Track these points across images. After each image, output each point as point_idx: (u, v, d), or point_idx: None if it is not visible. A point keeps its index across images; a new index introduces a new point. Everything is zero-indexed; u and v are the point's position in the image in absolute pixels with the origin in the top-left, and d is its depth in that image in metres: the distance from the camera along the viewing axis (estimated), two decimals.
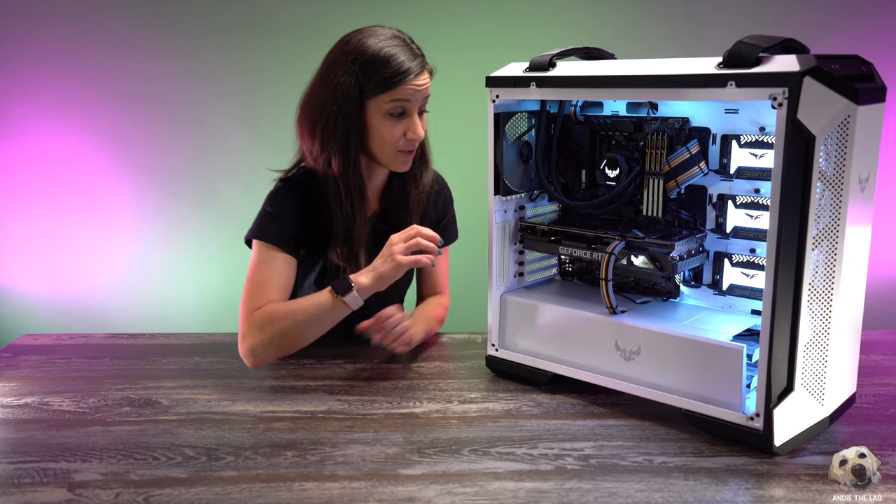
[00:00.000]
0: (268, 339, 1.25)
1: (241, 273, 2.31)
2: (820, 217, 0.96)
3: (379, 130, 1.28)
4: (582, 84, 1.13)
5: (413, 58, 1.27)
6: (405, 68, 1.25)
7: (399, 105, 1.27)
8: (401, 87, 1.25)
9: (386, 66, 1.24)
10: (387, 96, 1.26)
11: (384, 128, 1.28)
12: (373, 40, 1.26)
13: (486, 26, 2.25)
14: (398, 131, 1.29)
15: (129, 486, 0.94)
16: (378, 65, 1.25)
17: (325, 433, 1.08)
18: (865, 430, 1.07)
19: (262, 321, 1.26)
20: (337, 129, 1.27)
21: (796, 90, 0.91)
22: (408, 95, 1.26)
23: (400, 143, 1.30)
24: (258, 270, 1.30)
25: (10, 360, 1.37)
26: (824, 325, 0.99)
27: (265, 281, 1.30)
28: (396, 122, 1.28)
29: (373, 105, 1.27)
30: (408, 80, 1.25)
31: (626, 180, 1.21)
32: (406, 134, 1.29)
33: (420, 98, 1.29)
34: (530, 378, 1.24)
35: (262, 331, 1.25)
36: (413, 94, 1.27)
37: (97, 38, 2.22)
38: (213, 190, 2.31)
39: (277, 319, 1.25)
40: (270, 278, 1.30)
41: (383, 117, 1.27)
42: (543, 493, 0.92)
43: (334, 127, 1.27)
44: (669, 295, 1.26)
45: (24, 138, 2.28)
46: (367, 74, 1.25)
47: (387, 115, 1.27)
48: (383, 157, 1.31)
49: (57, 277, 2.36)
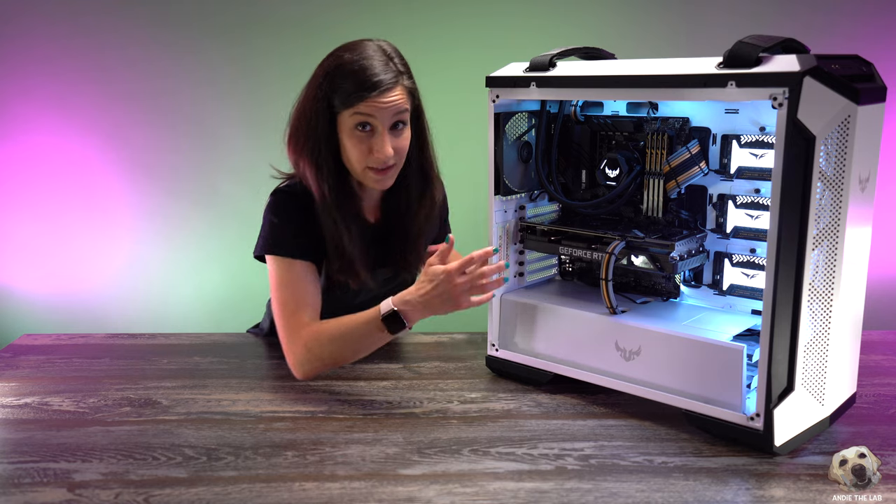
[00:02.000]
0: (315, 358, 1.26)
1: (240, 273, 2.32)
2: (820, 217, 0.96)
3: (346, 146, 1.25)
4: (582, 84, 1.13)
5: (385, 72, 1.21)
6: (370, 83, 1.20)
7: (363, 120, 1.22)
8: (364, 102, 1.20)
9: (352, 80, 1.21)
10: (351, 111, 1.22)
11: (350, 144, 1.24)
12: (349, 54, 1.23)
13: (486, 26, 2.25)
14: (364, 148, 1.23)
15: (129, 486, 0.94)
16: (345, 78, 1.21)
17: (325, 433, 1.08)
18: (865, 430, 1.07)
19: (309, 341, 1.25)
20: (309, 143, 1.26)
21: (796, 90, 0.91)
22: (371, 111, 1.21)
23: (369, 161, 1.24)
24: (286, 288, 1.28)
25: (10, 360, 1.37)
26: (824, 325, 0.99)
27: (298, 297, 1.28)
28: (363, 138, 1.23)
29: (341, 120, 1.24)
30: (371, 96, 1.20)
31: (626, 180, 1.21)
32: (372, 152, 1.23)
33: (389, 114, 1.22)
34: (530, 378, 1.24)
35: (310, 350, 1.25)
36: (377, 110, 1.21)
37: (97, 38, 2.22)
38: (213, 190, 2.31)
39: (325, 342, 1.25)
40: (301, 292, 1.28)
41: (350, 133, 1.23)
42: (543, 493, 0.92)
43: (305, 141, 1.26)
44: (669, 295, 1.26)
45: (23, 138, 2.28)
46: (333, 88, 1.22)
47: (354, 131, 1.23)
48: (356, 173, 1.28)
49: (57, 277, 2.36)
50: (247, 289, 2.25)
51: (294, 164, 1.31)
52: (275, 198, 1.34)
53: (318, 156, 1.26)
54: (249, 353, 1.41)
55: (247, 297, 2.15)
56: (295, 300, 1.28)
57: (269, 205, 1.34)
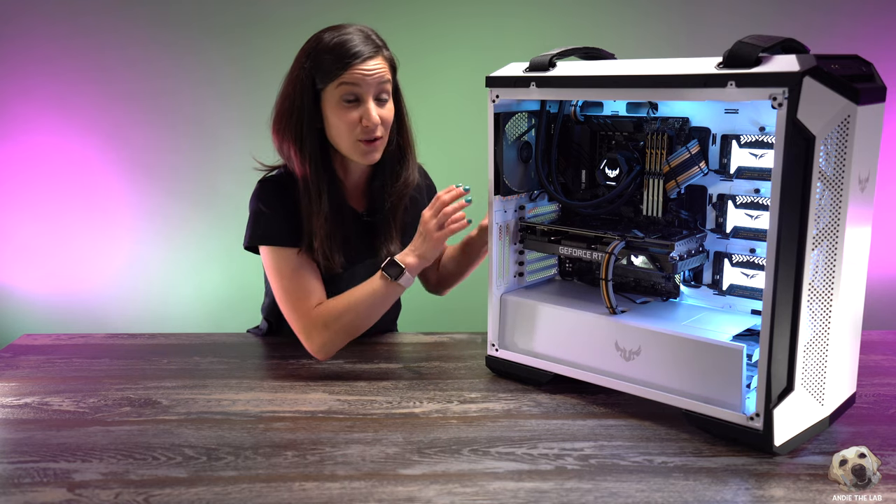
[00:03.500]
0: (335, 334, 1.30)
1: (240, 273, 2.32)
2: (820, 217, 0.96)
3: (334, 120, 1.29)
4: (582, 84, 1.13)
5: (366, 43, 1.27)
6: (352, 52, 1.25)
7: (349, 90, 1.26)
8: (348, 71, 1.25)
9: (335, 52, 1.26)
10: (336, 83, 1.26)
11: (338, 116, 1.28)
12: (329, 33, 1.28)
13: (486, 26, 2.25)
14: (353, 118, 1.27)
15: (129, 486, 0.94)
16: (327, 53, 1.26)
17: (325, 433, 1.08)
18: (865, 430, 1.07)
19: (324, 319, 1.30)
20: (292, 122, 1.29)
21: (796, 90, 0.91)
22: (356, 79, 1.26)
23: (357, 132, 1.29)
24: (288, 279, 1.32)
25: (10, 360, 1.37)
26: (824, 325, 0.99)
27: (302, 286, 1.31)
28: (351, 109, 1.28)
29: (326, 95, 1.28)
30: (355, 64, 1.25)
31: (626, 180, 1.21)
32: (361, 120, 1.28)
33: (373, 83, 1.27)
34: (530, 378, 1.24)
35: (328, 327, 1.29)
36: (363, 79, 1.26)
37: (97, 38, 2.22)
38: (213, 190, 2.31)
39: (340, 314, 1.29)
40: (303, 280, 1.32)
41: (337, 106, 1.28)
42: (543, 493, 0.92)
43: (288, 121, 1.29)
44: (669, 295, 1.26)
45: (23, 138, 2.28)
46: (317, 64, 1.26)
47: (340, 104, 1.27)
48: (344, 147, 1.32)
49: (57, 277, 2.36)
50: (247, 289, 2.25)
51: (278, 147, 1.34)
52: (261, 185, 1.36)
53: (301, 134, 1.29)
54: (249, 353, 1.41)
55: (247, 297, 2.15)
56: (299, 289, 1.31)
57: (255, 193, 1.36)
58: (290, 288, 1.31)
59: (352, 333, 1.31)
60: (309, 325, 1.30)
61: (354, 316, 1.29)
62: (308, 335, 1.31)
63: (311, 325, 1.30)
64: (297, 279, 1.31)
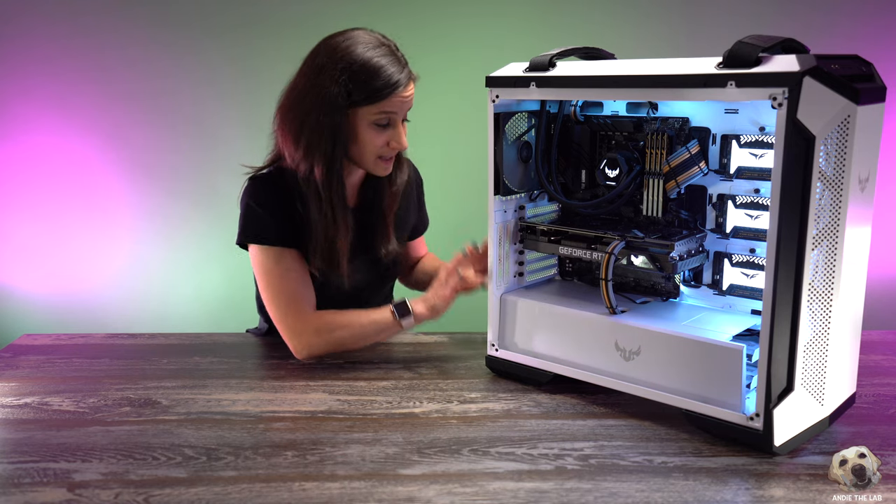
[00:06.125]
0: (323, 343, 1.33)
1: (240, 273, 2.32)
2: (820, 217, 0.96)
3: (363, 139, 1.30)
4: (582, 84, 1.13)
5: (401, 69, 1.28)
6: (394, 81, 1.26)
7: (386, 116, 1.29)
8: (389, 99, 1.27)
9: (376, 78, 1.25)
10: (375, 108, 1.27)
11: (368, 137, 1.29)
12: (361, 49, 1.26)
13: (486, 26, 2.25)
14: (382, 140, 1.30)
15: (129, 486, 0.94)
16: (368, 76, 1.25)
17: (325, 433, 1.08)
18: (865, 430, 1.07)
19: (318, 326, 1.32)
20: (323, 137, 1.27)
21: (796, 90, 0.91)
22: (395, 108, 1.28)
23: (383, 151, 1.32)
24: (279, 280, 1.32)
25: (10, 360, 1.37)
26: (824, 325, 0.99)
27: (293, 288, 1.33)
28: (381, 131, 1.30)
29: (359, 114, 1.28)
30: (397, 93, 1.27)
31: (626, 180, 1.21)
32: (390, 143, 1.31)
33: (406, 109, 1.31)
34: (530, 378, 1.24)
35: (319, 335, 1.32)
36: (400, 106, 1.29)
37: (97, 38, 2.22)
38: (213, 190, 2.31)
39: (335, 328, 1.32)
40: (295, 282, 1.33)
41: (369, 127, 1.29)
42: (543, 493, 0.92)
43: (320, 136, 1.27)
44: (669, 295, 1.26)
45: (23, 138, 2.28)
46: (356, 85, 1.25)
47: (372, 126, 1.29)
48: (365, 163, 1.33)
49: (57, 277, 2.36)
50: (247, 289, 2.24)
51: (296, 156, 1.29)
52: (252, 183, 1.36)
53: (332, 150, 1.28)
54: (249, 353, 1.41)
55: (247, 297, 2.14)
56: (290, 291, 1.32)
57: (246, 190, 1.37)
58: (282, 288, 1.32)
59: (337, 349, 1.34)
60: (300, 327, 1.32)
61: (348, 335, 1.32)
62: (297, 335, 1.32)
63: (302, 328, 1.32)
64: (290, 280, 1.32)
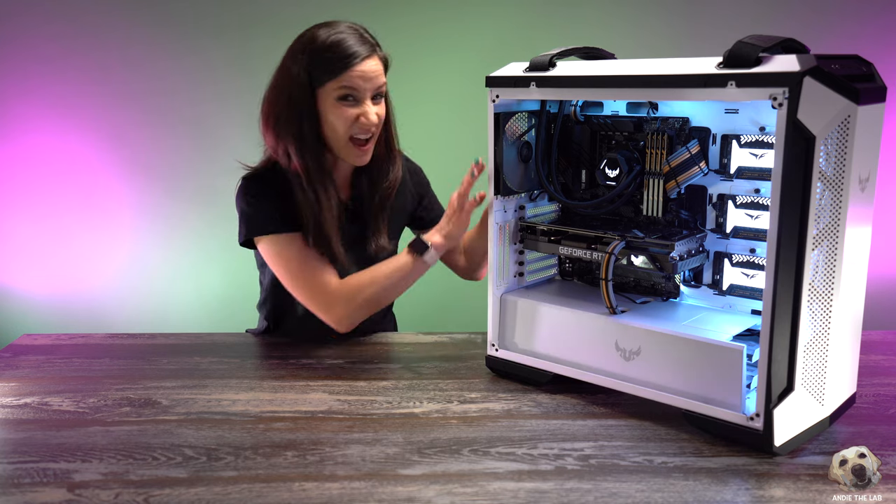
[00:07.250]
0: (357, 306, 1.34)
1: (240, 273, 2.32)
2: (820, 217, 0.96)
3: (330, 118, 1.30)
4: (582, 84, 1.13)
5: (361, 43, 1.28)
6: (350, 52, 1.27)
7: (347, 91, 1.29)
8: (346, 72, 1.27)
9: (332, 51, 1.27)
10: (335, 83, 1.28)
11: (335, 115, 1.30)
12: (324, 31, 1.29)
13: (486, 26, 2.25)
14: (349, 116, 1.30)
15: (129, 486, 0.94)
16: (324, 51, 1.27)
17: (325, 433, 1.08)
18: (865, 430, 1.07)
19: (346, 295, 1.34)
20: (290, 119, 1.30)
21: (796, 90, 0.91)
22: (354, 82, 1.28)
23: (353, 130, 1.31)
24: (294, 260, 1.34)
25: (10, 360, 1.37)
26: (824, 325, 0.99)
27: (311, 265, 1.34)
28: (346, 108, 1.30)
29: (323, 93, 1.29)
30: (353, 65, 1.27)
31: (626, 180, 1.21)
32: (358, 118, 1.30)
33: (370, 85, 1.30)
34: (530, 378, 1.24)
35: (351, 300, 1.34)
36: (360, 80, 1.28)
37: (97, 38, 2.22)
38: (213, 190, 2.31)
39: (363, 287, 1.34)
40: (312, 259, 1.34)
41: (334, 105, 1.29)
42: (543, 493, 0.92)
43: (287, 117, 1.30)
44: (669, 295, 1.26)
45: (23, 138, 2.28)
46: (314, 62, 1.28)
47: (337, 103, 1.29)
48: (338, 146, 1.33)
49: (57, 277, 2.36)
50: (246, 289, 2.25)
51: (273, 144, 1.34)
52: (246, 182, 1.38)
53: (301, 132, 1.30)
54: (249, 353, 1.41)
55: (247, 297, 2.14)
56: (310, 270, 1.34)
57: (241, 189, 1.38)
58: (300, 269, 1.33)
59: (373, 307, 1.35)
60: (330, 299, 1.33)
61: (378, 289, 1.34)
62: (329, 308, 1.33)
63: (332, 299, 1.33)
64: (305, 259, 1.34)
